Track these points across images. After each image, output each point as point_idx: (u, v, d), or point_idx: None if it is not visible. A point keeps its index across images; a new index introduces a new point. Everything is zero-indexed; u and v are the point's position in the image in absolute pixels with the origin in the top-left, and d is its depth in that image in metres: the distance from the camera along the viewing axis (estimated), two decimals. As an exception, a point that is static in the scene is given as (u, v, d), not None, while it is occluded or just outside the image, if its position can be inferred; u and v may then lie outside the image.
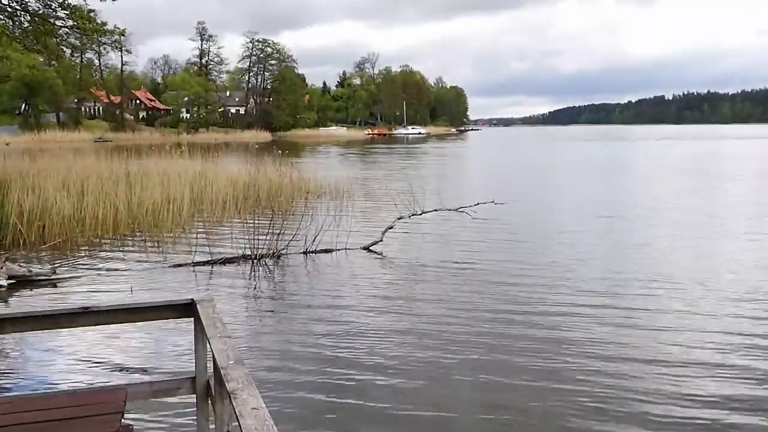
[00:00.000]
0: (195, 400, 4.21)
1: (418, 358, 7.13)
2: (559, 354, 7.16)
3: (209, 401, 4.04)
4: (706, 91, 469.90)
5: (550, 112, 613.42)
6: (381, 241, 13.45)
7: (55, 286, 10.33)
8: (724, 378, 6.51)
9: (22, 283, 10.27)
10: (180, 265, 11.76)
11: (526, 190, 25.31)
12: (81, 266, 11.77)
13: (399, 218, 14.25)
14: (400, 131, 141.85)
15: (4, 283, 10.06)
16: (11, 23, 19.16)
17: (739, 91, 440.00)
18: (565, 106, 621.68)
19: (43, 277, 10.62)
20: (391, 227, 13.89)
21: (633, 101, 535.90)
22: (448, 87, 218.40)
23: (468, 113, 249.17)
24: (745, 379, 6.50)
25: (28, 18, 18.81)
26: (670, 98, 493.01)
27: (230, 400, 2.62)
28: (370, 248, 13.26)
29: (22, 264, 11.02)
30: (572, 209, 19.61)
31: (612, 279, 10.63)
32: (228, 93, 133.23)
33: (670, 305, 9.04)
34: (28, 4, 18.46)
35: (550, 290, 9.88)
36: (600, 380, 6.48)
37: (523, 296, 9.58)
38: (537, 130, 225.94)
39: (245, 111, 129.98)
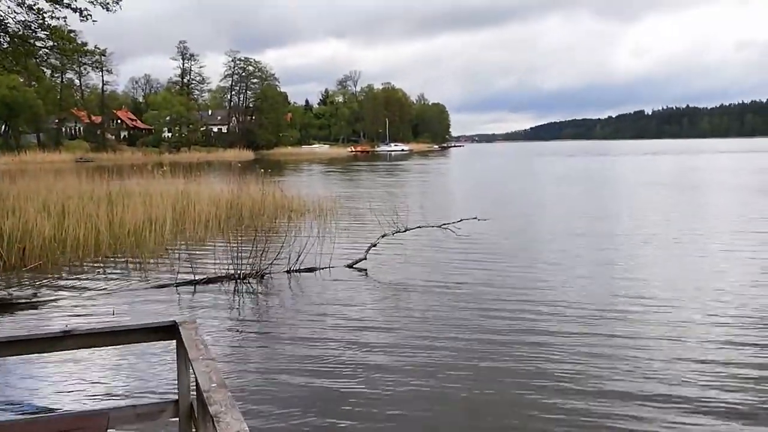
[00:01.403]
0: (178, 424, 4.19)
1: (404, 377, 7.12)
2: (543, 375, 7.15)
3: (192, 424, 4.02)
4: (685, 106, 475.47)
5: (532, 128, 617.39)
6: (365, 259, 13.45)
7: (36, 309, 10.23)
8: (716, 406, 6.53)
9: (2, 306, 10.16)
10: (163, 286, 11.69)
11: (509, 207, 25.45)
12: (62, 289, 11.65)
13: (382, 236, 14.28)
14: (383, 148, 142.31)
15: (-16, 306, 9.94)
16: (-10, 45, 19.09)
17: (718, 106, 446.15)
18: (547, 122, 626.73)
19: (23, 300, 10.51)
20: (374, 245, 13.91)
21: (614, 116, 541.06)
22: (430, 104, 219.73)
23: (450, 130, 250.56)
24: (737, 406, 6.55)
25: (8, 39, 18.75)
26: (650, 113, 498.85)
27: (213, 423, 2.61)
28: (354, 266, 13.25)
29: (1, 287, 10.91)
30: (556, 225, 19.70)
31: (598, 297, 10.61)
32: (210, 112, 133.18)
33: (658, 326, 8.92)
34: (8, 25, 18.41)
35: (535, 309, 9.87)
36: (585, 402, 6.50)
37: (507, 314, 9.58)
38: (519, 146, 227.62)
39: (227, 130, 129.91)
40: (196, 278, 11.95)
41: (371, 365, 7.51)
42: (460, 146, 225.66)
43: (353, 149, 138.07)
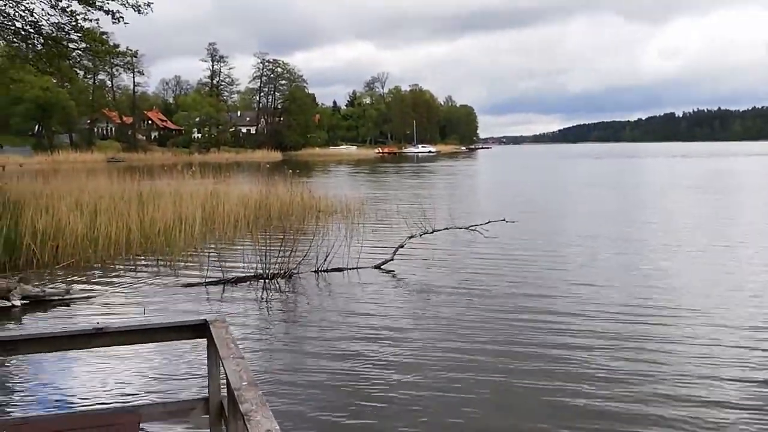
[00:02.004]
0: (208, 422, 4.22)
1: (432, 380, 7.11)
2: (574, 380, 7.06)
3: (223, 422, 4.04)
4: (716, 108, 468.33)
5: (559, 130, 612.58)
6: (392, 260, 13.45)
7: (69, 306, 10.39)
8: (749, 413, 6.41)
9: (35, 303, 10.33)
10: (192, 285, 11.80)
11: (537, 209, 25.27)
12: (94, 286, 11.83)
13: (410, 237, 14.25)
14: (410, 150, 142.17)
15: (18, 303, 10.12)
16: (25, 46, 19.41)
17: (750, 108, 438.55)
18: (574, 124, 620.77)
19: (56, 297, 10.67)
20: (402, 246, 13.89)
21: (643, 119, 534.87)
22: (457, 106, 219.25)
23: (478, 131, 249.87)
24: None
25: (42, 41, 19.05)
26: (680, 115, 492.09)
27: (244, 421, 2.63)
28: (381, 267, 13.26)
29: (35, 284, 11.09)
30: (585, 228, 19.49)
31: (628, 302, 10.43)
32: (239, 113, 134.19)
33: (690, 331, 8.75)
34: (42, 27, 18.71)
35: (565, 313, 9.75)
36: (615, 407, 6.42)
37: (536, 318, 9.49)
38: (547, 148, 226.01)
39: (256, 130, 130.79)
40: (225, 277, 12.04)
41: (399, 366, 7.50)
42: (488, 148, 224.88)
43: (380, 150, 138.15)
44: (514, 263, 13.70)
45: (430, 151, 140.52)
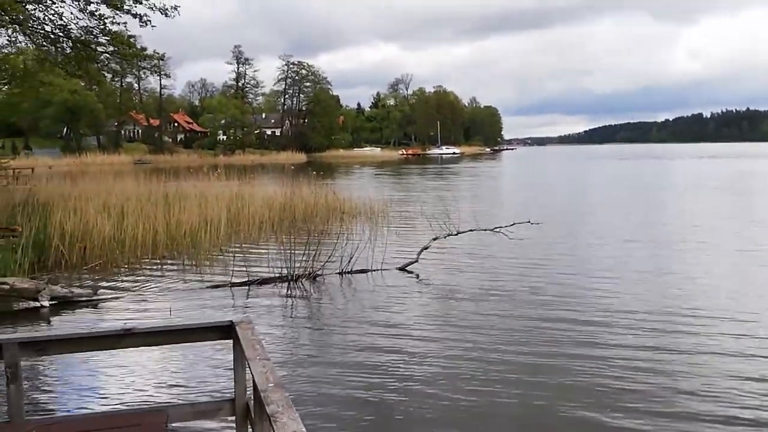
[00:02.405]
0: (234, 422, 4.23)
1: (455, 382, 7.08)
2: (598, 386, 6.99)
3: (249, 424, 4.06)
4: (745, 109, 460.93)
5: (585, 131, 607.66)
6: (416, 261, 13.43)
7: (96, 307, 10.51)
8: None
9: (63, 304, 10.47)
10: (218, 286, 11.88)
11: (563, 210, 25.11)
12: (121, 287, 11.96)
13: (434, 239, 14.22)
14: (434, 151, 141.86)
15: (47, 304, 10.26)
16: (54, 49, 19.67)
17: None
18: (600, 125, 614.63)
19: (84, 298, 10.81)
20: (426, 248, 13.87)
21: (670, 119, 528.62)
22: (482, 107, 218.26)
23: (502, 133, 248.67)
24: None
25: (70, 44, 19.30)
26: (708, 116, 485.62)
27: (270, 422, 2.63)
28: (406, 269, 13.24)
29: (64, 285, 11.23)
30: (611, 230, 19.32)
31: (653, 306, 10.32)
32: (264, 115, 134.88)
33: (718, 339, 8.53)
34: (71, 30, 18.95)
35: (590, 317, 9.67)
36: (638, 417, 6.35)
37: (561, 322, 9.42)
38: (573, 149, 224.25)
39: (281, 132, 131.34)
40: (250, 279, 12.11)
41: (424, 370, 7.48)
42: (512, 149, 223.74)
43: (404, 152, 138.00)
44: (539, 266, 13.61)
45: (454, 153, 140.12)
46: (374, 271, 12.97)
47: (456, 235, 14.50)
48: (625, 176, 52.39)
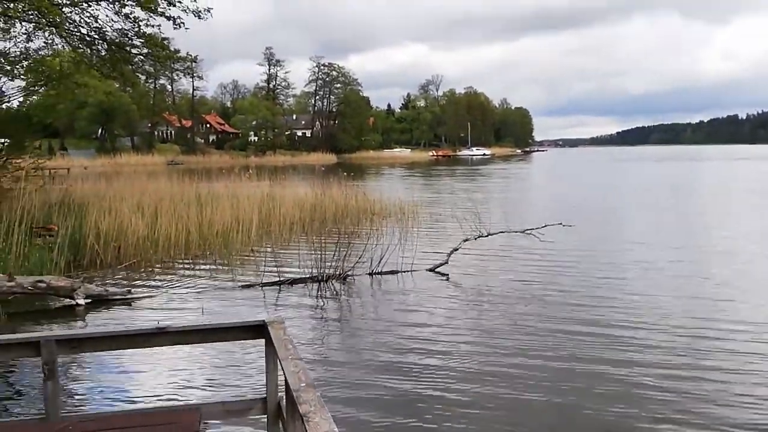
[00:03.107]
0: (266, 422, 4.26)
1: (485, 384, 7.05)
2: (629, 392, 6.91)
3: (280, 423, 4.08)
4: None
5: (617, 133, 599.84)
6: (446, 263, 13.39)
7: (130, 306, 10.66)
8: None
9: (98, 302, 10.64)
10: (249, 286, 11.97)
11: (595, 213, 24.82)
12: (154, 286, 12.11)
13: (465, 240, 14.16)
14: (465, 153, 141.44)
15: (82, 302, 10.43)
16: (89, 51, 19.97)
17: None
18: (633, 127, 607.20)
19: (118, 297, 10.97)
20: (456, 249, 13.82)
21: (705, 121, 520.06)
22: (512, 108, 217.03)
23: (533, 134, 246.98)
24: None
25: (106, 46, 19.57)
26: (744, 117, 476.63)
27: (302, 422, 2.64)
28: (436, 270, 13.21)
29: (98, 284, 11.42)
30: (644, 234, 19.04)
31: (687, 312, 10.15)
32: (294, 116, 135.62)
33: (753, 349, 8.20)
34: (106, 33, 19.22)
35: (622, 322, 9.53)
36: (675, 426, 6.26)
37: (593, 326, 9.29)
38: (605, 151, 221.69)
39: (311, 134, 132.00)
40: (281, 279, 12.18)
41: (452, 370, 7.46)
42: (543, 151, 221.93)
43: (435, 153, 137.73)
44: (571, 269, 13.49)
45: (484, 154, 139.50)
46: (404, 272, 12.96)
47: (486, 236, 14.41)
48: (660, 178, 51.64)
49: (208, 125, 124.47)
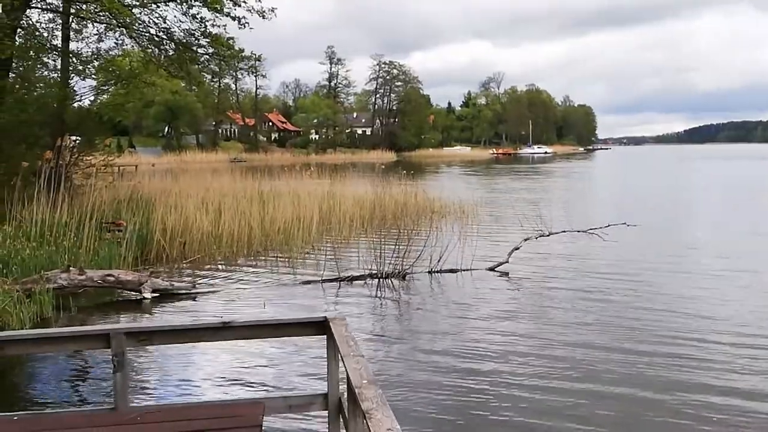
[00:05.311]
0: (327, 417, 4.30)
1: (546, 385, 6.96)
2: (696, 395, 6.74)
3: (341, 419, 4.12)
4: None
5: (684, 131, 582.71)
6: (507, 262, 13.26)
7: (194, 300, 10.92)
8: None
9: (164, 296, 10.93)
10: (309, 282, 12.10)
11: (660, 213, 24.16)
12: (218, 281, 12.37)
13: (525, 239, 14.00)
14: (526, 151, 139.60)
15: (149, 295, 10.74)
16: (158, 51, 20.49)
17: None
18: (701, 124, 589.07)
19: (183, 291, 11.26)
20: (517, 248, 13.67)
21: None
22: (575, 105, 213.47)
23: (596, 132, 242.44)
24: None
25: (173, 46, 20.06)
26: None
27: (364, 419, 2.66)
28: (496, 269, 13.10)
29: (164, 278, 11.72)
30: (711, 236, 18.43)
31: (755, 318, 9.80)
32: (355, 114, 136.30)
33: None
34: (173, 33, 19.70)
35: (687, 325, 9.26)
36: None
37: (656, 328, 9.06)
38: (671, 149, 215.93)
39: (371, 132, 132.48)
40: (341, 276, 12.28)
41: (513, 372, 7.38)
42: (607, 149, 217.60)
43: (495, 151, 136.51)
44: (634, 270, 13.18)
45: (545, 152, 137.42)
46: (464, 270, 12.89)
47: (548, 235, 14.21)
48: (730, 178, 49.93)
49: (270, 123, 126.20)
